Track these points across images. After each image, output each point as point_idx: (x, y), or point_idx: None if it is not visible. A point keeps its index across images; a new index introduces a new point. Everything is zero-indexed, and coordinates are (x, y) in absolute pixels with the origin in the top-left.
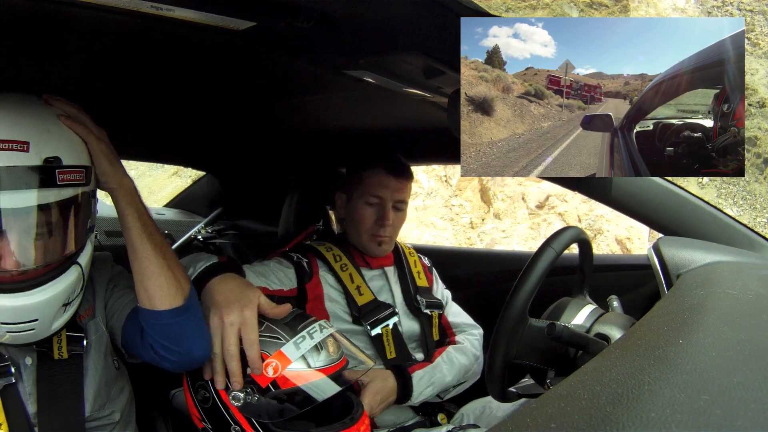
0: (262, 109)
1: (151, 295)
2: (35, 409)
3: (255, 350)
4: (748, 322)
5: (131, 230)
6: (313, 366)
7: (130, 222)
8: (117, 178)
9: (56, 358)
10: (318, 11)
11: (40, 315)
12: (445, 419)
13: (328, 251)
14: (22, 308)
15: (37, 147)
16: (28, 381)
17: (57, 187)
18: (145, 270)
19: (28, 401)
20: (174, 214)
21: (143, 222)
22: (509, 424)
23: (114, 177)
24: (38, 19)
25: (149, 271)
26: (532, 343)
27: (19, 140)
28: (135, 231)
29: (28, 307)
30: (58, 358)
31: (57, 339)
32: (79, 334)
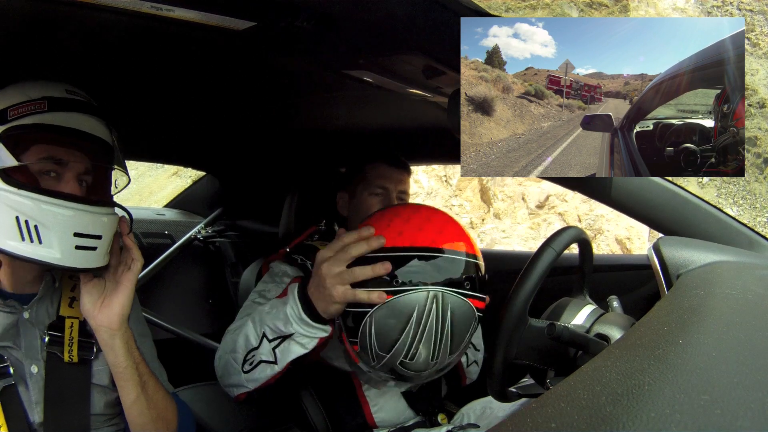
0: (262, 109)
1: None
2: (41, 418)
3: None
4: (748, 322)
5: (128, 383)
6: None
7: (129, 373)
8: (125, 322)
9: (66, 360)
10: (318, 11)
11: (104, 233)
12: (446, 419)
13: None
14: (92, 220)
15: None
16: (34, 389)
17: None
18: (136, 419)
19: (35, 410)
20: (174, 214)
21: (140, 372)
22: (509, 424)
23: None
24: (38, 19)
25: (140, 421)
26: (532, 343)
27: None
28: (132, 384)
29: (97, 220)
30: (68, 361)
31: (68, 342)
32: (90, 340)
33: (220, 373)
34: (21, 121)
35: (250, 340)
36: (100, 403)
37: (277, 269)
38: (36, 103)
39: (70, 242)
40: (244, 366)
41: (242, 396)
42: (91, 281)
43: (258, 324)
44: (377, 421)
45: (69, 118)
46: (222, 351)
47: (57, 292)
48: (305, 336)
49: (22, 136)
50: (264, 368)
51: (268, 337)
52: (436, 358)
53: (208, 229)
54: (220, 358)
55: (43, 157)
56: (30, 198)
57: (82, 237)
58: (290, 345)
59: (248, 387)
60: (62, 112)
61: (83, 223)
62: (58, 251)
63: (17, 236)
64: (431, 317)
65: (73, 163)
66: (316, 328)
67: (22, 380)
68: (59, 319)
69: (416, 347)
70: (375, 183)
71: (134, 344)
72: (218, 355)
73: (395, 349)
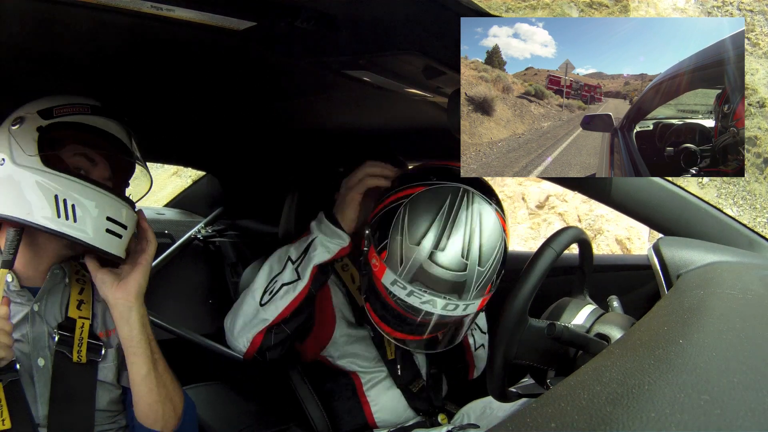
0: (262, 109)
1: (145, 417)
2: (46, 411)
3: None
4: (748, 322)
5: (140, 358)
6: None
7: (142, 350)
8: (141, 300)
9: (75, 360)
10: (318, 11)
11: (128, 224)
12: (446, 419)
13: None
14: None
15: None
16: (39, 382)
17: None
18: (145, 397)
19: (39, 402)
20: (174, 214)
21: (152, 349)
22: (509, 424)
23: (141, 297)
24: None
25: (149, 398)
26: (532, 343)
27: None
28: (144, 359)
29: (125, 211)
30: (77, 361)
31: (78, 342)
32: (99, 342)
33: (230, 324)
34: (65, 119)
35: (274, 268)
36: (104, 400)
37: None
38: (81, 106)
39: (103, 225)
40: (263, 298)
41: (258, 339)
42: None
43: (281, 255)
44: (377, 421)
45: (108, 123)
46: (236, 304)
47: (66, 291)
48: (327, 240)
49: (63, 131)
50: (286, 291)
51: (292, 258)
52: (467, 258)
53: (208, 229)
54: (232, 311)
55: (79, 153)
56: (69, 179)
57: (113, 222)
58: (312, 252)
59: (267, 318)
60: (102, 117)
61: (115, 210)
62: (91, 230)
63: (53, 213)
64: (462, 208)
65: (101, 164)
66: (336, 232)
67: (28, 375)
68: (68, 320)
69: (447, 234)
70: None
71: (147, 321)
72: (230, 312)
73: (426, 237)
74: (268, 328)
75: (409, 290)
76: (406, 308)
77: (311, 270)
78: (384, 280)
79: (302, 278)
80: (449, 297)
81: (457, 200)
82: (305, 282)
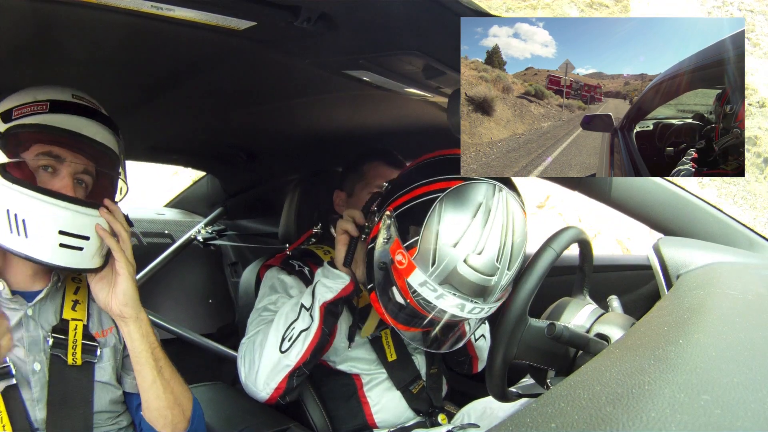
0: (263, 109)
1: (155, 421)
2: (44, 414)
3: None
4: (748, 322)
5: (144, 367)
6: None
7: (144, 358)
8: (137, 307)
9: (70, 363)
10: (318, 11)
11: (92, 234)
12: (446, 419)
13: (326, 254)
14: (81, 220)
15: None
16: (36, 386)
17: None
18: (152, 402)
19: (36, 407)
20: (174, 214)
21: (156, 357)
22: (509, 424)
23: (135, 306)
24: (38, 19)
25: (156, 404)
26: (532, 343)
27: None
28: (148, 368)
29: (85, 221)
30: (72, 363)
31: (72, 345)
32: (94, 343)
33: (246, 373)
34: (23, 120)
35: (289, 316)
36: (105, 401)
37: (277, 281)
38: (40, 104)
39: (55, 240)
40: (282, 346)
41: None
42: (97, 276)
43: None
44: (377, 422)
45: (69, 120)
46: (246, 352)
47: (60, 293)
48: (328, 281)
49: (22, 134)
50: (305, 336)
51: (306, 305)
52: (500, 262)
53: (207, 229)
54: (247, 361)
55: (42, 154)
56: (20, 192)
57: (68, 236)
58: (318, 295)
59: (290, 364)
60: (64, 114)
61: (70, 222)
62: (42, 247)
63: (7, 228)
64: (499, 207)
65: (70, 161)
66: (336, 274)
67: (25, 379)
68: (62, 321)
69: (485, 240)
70: (374, 182)
71: (151, 329)
72: (242, 358)
73: (463, 238)
74: (291, 372)
75: (439, 293)
76: (429, 309)
77: (320, 311)
78: (411, 279)
79: (314, 320)
80: (476, 300)
81: (494, 198)
82: (317, 323)
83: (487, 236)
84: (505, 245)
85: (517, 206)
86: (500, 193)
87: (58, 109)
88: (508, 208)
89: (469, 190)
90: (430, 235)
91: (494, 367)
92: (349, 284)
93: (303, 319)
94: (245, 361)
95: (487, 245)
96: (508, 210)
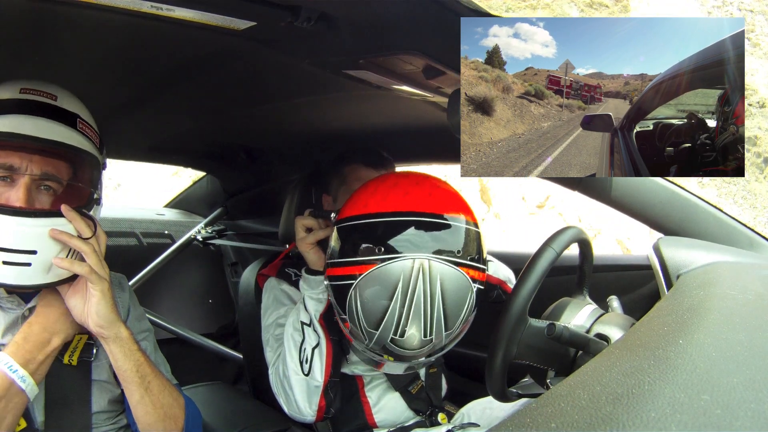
0: (262, 109)
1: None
2: (43, 417)
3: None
4: (748, 322)
5: (130, 385)
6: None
7: (129, 377)
8: (115, 327)
9: (66, 362)
10: (318, 11)
11: (39, 247)
12: (446, 419)
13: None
14: (23, 233)
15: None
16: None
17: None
18: (142, 418)
19: (36, 408)
20: (174, 214)
21: (141, 374)
22: (509, 424)
23: (112, 325)
24: (38, 19)
25: (146, 420)
26: (532, 343)
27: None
28: (134, 386)
29: (29, 233)
30: (68, 363)
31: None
32: (89, 341)
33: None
34: None
35: (295, 338)
36: (104, 401)
37: (279, 293)
38: None
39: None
40: (303, 369)
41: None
42: (68, 291)
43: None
44: (377, 422)
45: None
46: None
47: None
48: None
49: None
50: (319, 352)
51: (306, 321)
52: (430, 335)
53: (207, 229)
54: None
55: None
56: None
57: (9, 252)
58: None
59: (318, 383)
60: (9, 115)
61: (10, 238)
62: None
63: None
64: (418, 287)
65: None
66: (315, 280)
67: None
68: None
69: (405, 322)
70: (354, 186)
71: (134, 346)
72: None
73: (383, 324)
74: (324, 389)
75: (382, 357)
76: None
77: (320, 325)
78: (355, 345)
79: (320, 335)
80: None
81: (411, 280)
82: (324, 336)
83: (406, 321)
84: (431, 319)
85: (447, 269)
86: (420, 269)
87: (3, 111)
88: (430, 281)
89: (383, 275)
90: (354, 317)
91: (494, 367)
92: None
93: (309, 336)
94: (281, 395)
95: (408, 329)
96: (430, 283)
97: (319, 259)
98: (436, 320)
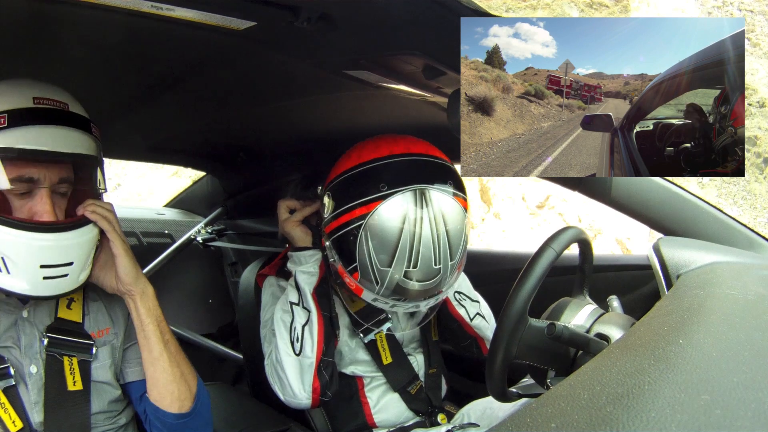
0: (263, 109)
1: (161, 398)
2: (42, 417)
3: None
4: (748, 322)
5: (150, 339)
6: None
7: (150, 331)
8: (141, 282)
9: (65, 362)
10: (318, 11)
11: (76, 257)
12: (446, 419)
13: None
14: (63, 248)
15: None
16: (33, 389)
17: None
18: (159, 377)
19: (34, 409)
20: (174, 214)
21: (162, 330)
22: (509, 424)
23: (138, 282)
24: (38, 19)
25: (163, 378)
26: (532, 343)
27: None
28: (154, 340)
29: (67, 245)
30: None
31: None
32: (89, 341)
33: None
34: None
35: (285, 319)
36: (104, 401)
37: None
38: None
39: (37, 274)
40: (294, 349)
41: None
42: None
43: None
44: (377, 422)
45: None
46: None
47: None
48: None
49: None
50: (309, 329)
51: (294, 301)
52: (439, 263)
53: (207, 229)
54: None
55: (13, 178)
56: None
57: (50, 268)
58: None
59: (311, 360)
60: (26, 127)
61: (50, 255)
62: (25, 283)
63: None
64: (424, 214)
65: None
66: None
67: (22, 380)
68: (58, 320)
69: (417, 251)
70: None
71: (156, 303)
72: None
73: (396, 259)
74: (317, 368)
75: (392, 303)
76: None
77: (312, 298)
78: (364, 297)
79: (311, 309)
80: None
81: (416, 208)
82: (315, 311)
83: (418, 248)
84: (438, 245)
85: (445, 196)
86: (422, 197)
87: (18, 122)
88: (433, 207)
89: (388, 210)
90: (365, 260)
91: (494, 367)
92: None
93: (298, 314)
94: (275, 381)
95: (421, 256)
96: (433, 209)
97: (306, 235)
98: (442, 246)
